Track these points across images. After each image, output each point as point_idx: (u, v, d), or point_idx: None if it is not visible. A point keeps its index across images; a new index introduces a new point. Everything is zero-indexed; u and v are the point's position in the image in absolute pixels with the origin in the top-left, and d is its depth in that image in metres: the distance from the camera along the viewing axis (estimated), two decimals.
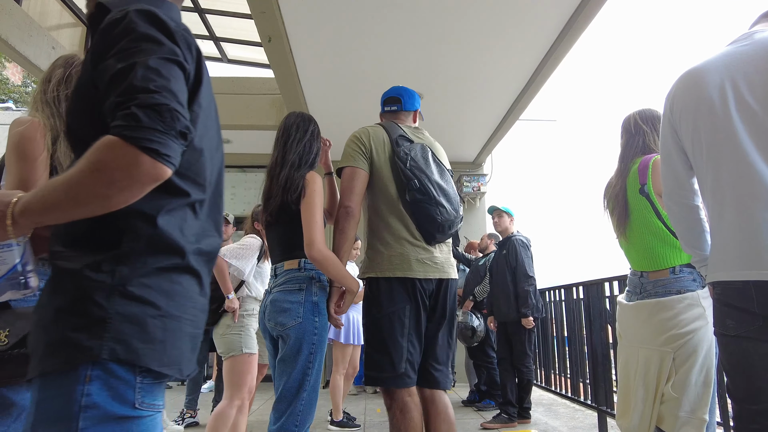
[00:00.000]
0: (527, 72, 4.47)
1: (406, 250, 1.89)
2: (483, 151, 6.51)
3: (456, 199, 1.96)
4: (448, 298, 1.95)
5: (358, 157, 1.95)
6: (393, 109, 2.14)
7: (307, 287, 1.87)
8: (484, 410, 4.54)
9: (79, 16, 5.73)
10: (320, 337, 1.86)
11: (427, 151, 1.97)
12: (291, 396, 1.80)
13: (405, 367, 1.83)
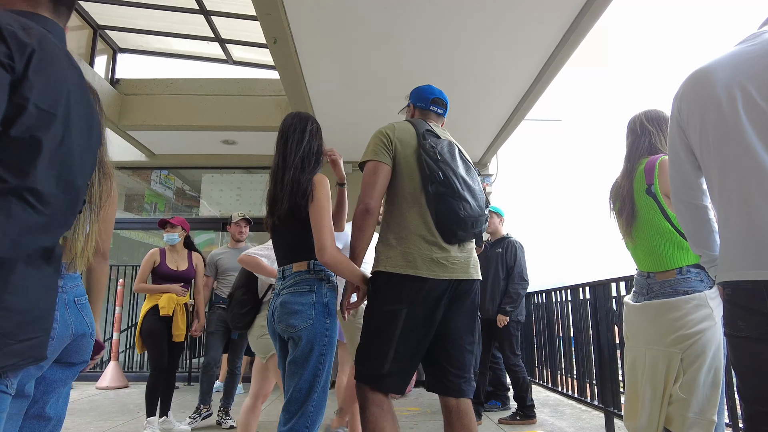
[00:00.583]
0: (532, 72, 4.47)
1: (419, 247, 1.80)
2: (488, 151, 6.51)
3: (482, 197, 1.89)
4: (467, 300, 1.84)
5: (381, 152, 1.90)
6: (439, 112, 2.13)
7: (317, 289, 1.87)
8: (489, 411, 4.53)
9: (86, 18, 5.78)
10: (331, 339, 1.86)
11: (454, 147, 1.92)
12: (302, 397, 1.80)
13: (390, 369, 1.73)
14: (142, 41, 6.50)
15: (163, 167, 7.78)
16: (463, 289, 1.84)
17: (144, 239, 9.91)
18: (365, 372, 1.77)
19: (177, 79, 6.38)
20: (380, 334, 1.77)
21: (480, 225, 1.87)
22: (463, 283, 1.84)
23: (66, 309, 1.36)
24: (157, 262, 3.86)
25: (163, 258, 3.88)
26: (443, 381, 1.81)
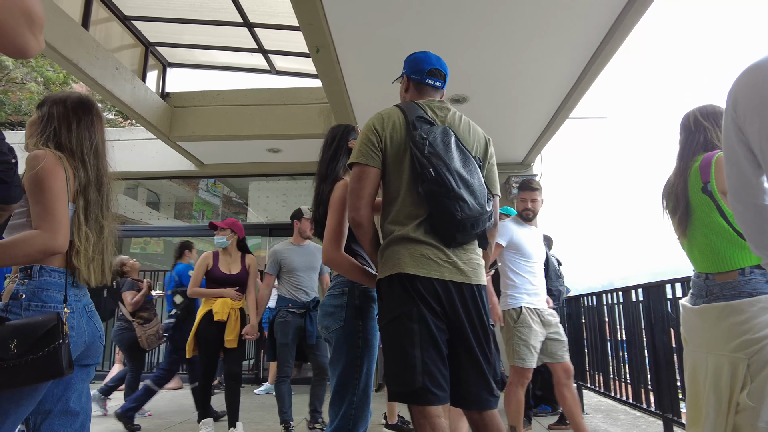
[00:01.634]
0: (576, 70, 4.37)
1: (413, 248, 1.63)
2: (532, 150, 6.40)
3: (482, 193, 1.65)
4: (470, 305, 1.63)
5: (368, 152, 1.71)
6: (437, 85, 1.87)
7: (349, 291, 1.91)
8: (539, 416, 4.45)
9: (138, 37, 6.07)
10: (366, 341, 1.87)
11: (449, 135, 1.67)
12: (340, 398, 1.83)
13: (423, 381, 1.53)
14: (190, 55, 6.77)
15: (212, 176, 8.06)
16: (464, 293, 1.63)
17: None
18: (398, 390, 1.59)
19: (223, 90, 6.61)
20: (397, 347, 1.59)
21: (482, 225, 1.64)
22: (464, 287, 1.64)
23: (80, 317, 1.48)
24: (210, 265, 3.74)
25: (216, 261, 3.76)
26: (461, 393, 1.63)
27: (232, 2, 5.13)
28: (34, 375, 1.27)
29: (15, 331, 1.27)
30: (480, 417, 1.65)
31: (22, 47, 0.78)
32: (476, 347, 1.62)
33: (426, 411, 1.54)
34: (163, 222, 8.96)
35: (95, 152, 1.60)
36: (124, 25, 5.80)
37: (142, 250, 9.62)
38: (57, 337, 1.31)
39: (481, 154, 1.80)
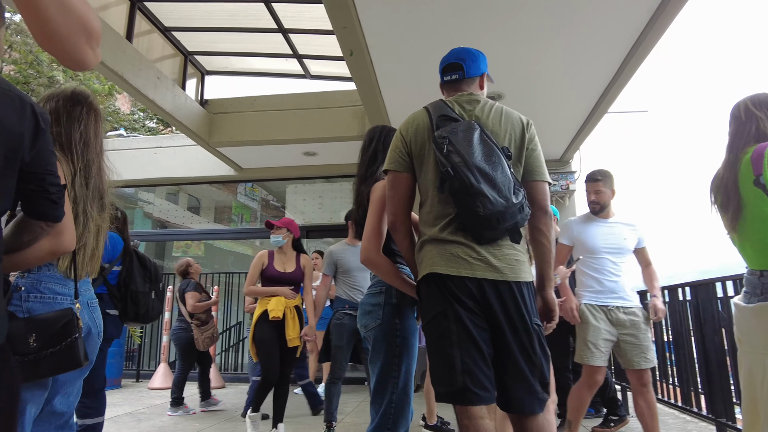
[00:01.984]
0: (614, 63, 4.26)
1: (439, 245, 1.63)
2: (570, 147, 6.26)
3: (507, 185, 1.56)
4: (508, 304, 1.57)
5: (397, 158, 1.74)
6: (453, 78, 1.83)
7: (387, 290, 1.91)
8: (589, 417, 4.35)
9: (178, 47, 6.27)
10: (404, 340, 1.86)
11: (472, 130, 1.62)
12: (379, 397, 1.84)
13: (464, 381, 1.51)
14: (227, 63, 6.94)
15: (250, 180, 8.25)
16: (501, 292, 1.58)
17: (232, 248, 10.54)
18: (442, 390, 1.58)
19: (259, 96, 6.75)
20: (437, 347, 1.59)
21: (509, 219, 1.57)
22: (500, 285, 1.58)
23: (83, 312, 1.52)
24: (265, 264, 3.67)
25: (271, 260, 3.69)
26: (503, 395, 1.59)
27: (267, 9, 5.24)
28: (54, 367, 1.35)
29: (33, 326, 1.34)
30: (520, 421, 1.59)
31: (81, 60, 0.82)
32: (516, 347, 1.55)
33: (469, 411, 1.52)
34: (204, 226, 9.21)
35: (84, 143, 1.57)
36: (165, 36, 6.00)
37: (184, 253, 9.93)
38: (73, 331, 1.39)
39: (517, 141, 1.70)
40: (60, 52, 0.81)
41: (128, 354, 7.51)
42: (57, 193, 1.15)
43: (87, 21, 0.81)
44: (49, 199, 1.14)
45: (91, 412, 2.43)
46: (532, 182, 1.71)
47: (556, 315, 1.77)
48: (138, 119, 16.51)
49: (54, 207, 1.16)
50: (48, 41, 0.79)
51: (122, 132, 12.55)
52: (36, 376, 1.34)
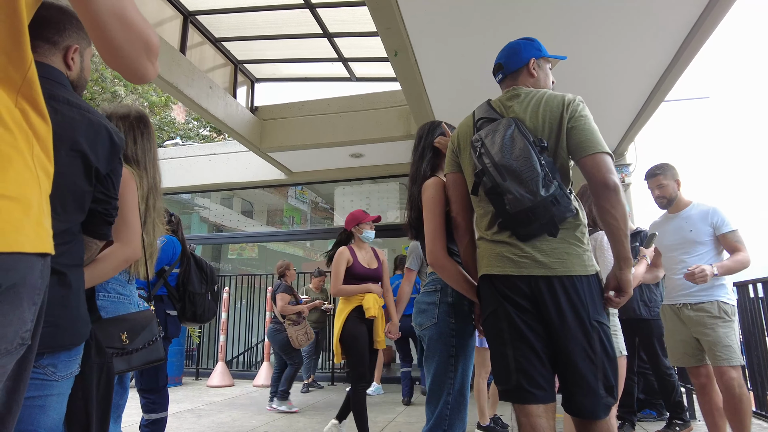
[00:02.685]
0: (671, 48, 4.05)
1: (487, 245, 1.65)
2: (624, 139, 6.01)
3: (535, 179, 1.50)
4: (560, 299, 1.49)
5: (450, 160, 1.84)
6: (499, 79, 1.86)
7: (442, 288, 1.90)
8: (643, 421, 4.16)
9: (228, 56, 6.49)
10: (460, 340, 1.84)
11: (507, 128, 1.59)
12: (435, 398, 1.82)
13: (518, 379, 1.50)
14: (275, 70, 7.13)
15: (300, 183, 8.42)
16: (549, 288, 1.51)
17: (285, 250, 10.80)
18: (500, 388, 1.59)
19: (307, 101, 6.88)
20: (492, 346, 1.61)
21: (544, 212, 1.51)
22: (552, 280, 1.51)
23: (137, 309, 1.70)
24: (351, 261, 3.38)
25: (354, 256, 3.41)
26: (566, 397, 1.53)
27: (312, 15, 5.34)
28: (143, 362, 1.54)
29: (123, 325, 1.52)
30: (582, 425, 1.52)
31: (143, 74, 0.88)
32: (571, 347, 1.47)
33: (525, 409, 1.50)
34: (257, 228, 9.48)
35: (153, 162, 1.76)
36: (216, 46, 6.23)
37: (239, 255, 10.27)
38: (155, 332, 1.60)
39: (555, 127, 1.60)
40: (123, 68, 0.87)
41: (188, 353, 7.84)
42: (114, 216, 1.28)
43: (147, 37, 0.86)
44: (107, 222, 1.26)
45: (156, 408, 2.55)
46: (583, 158, 1.56)
47: (627, 295, 1.60)
48: (192, 128, 17.22)
49: (108, 229, 1.29)
50: (113, 58, 0.85)
51: (178, 141, 13.14)
52: (129, 368, 1.52)
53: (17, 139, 0.67)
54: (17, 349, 0.67)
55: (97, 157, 1.16)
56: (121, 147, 1.25)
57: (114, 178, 1.25)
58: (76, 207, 1.14)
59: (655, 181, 3.01)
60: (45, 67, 1.16)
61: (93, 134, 1.15)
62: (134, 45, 0.83)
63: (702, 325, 2.75)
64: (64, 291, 1.11)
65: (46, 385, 1.12)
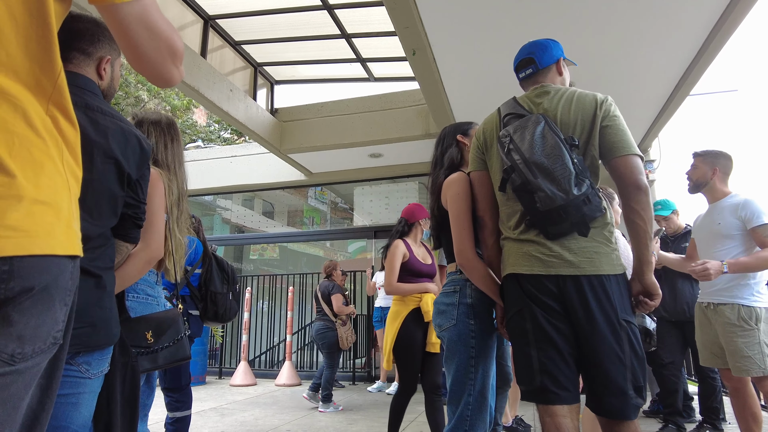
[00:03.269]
0: (696, 41, 3.95)
1: (514, 244, 1.64)
2: (648, 134, 5.90)
3: (567, 177, 1.49)
4: (589, 299, 1.47)
5: (475, 159, 1.82)
6: (528, 73, 1.81)
7: (461, 289, 1.88)
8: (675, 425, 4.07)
9: (248, 59, 6.57)
10: (480, 341, 1.82)
11: (537, 125, 1.57)
12: (456, 398, 1.81)
13: (542, 380, 1.49)
14: (294, 72, 7.18)
15: (319, 184, 8.48)
16: (578, 288, 1.49)
17: (305, 250, 10.88)
18: (523, 389, 1.59)
19: (326, 102, 6.92)
20: (515, 346, 1.60)
21: (575, 211, 1.49)
22: (581, 280, 1.49)
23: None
24: (407, 256, 3.08)
25: (410, 251, 3.12)
26: (593, 398, 1.51)
27: (330, 16, 5.37)
28: (168, 360, 1.58)
29: (149, 324, 1.55)
30: (609, 425, 1.50)
31: (169, 78, 0.90)
32: (600, 347, 1.45)
33: (549, 410, 1.50)
34: (278, 229, 9.58)
35: (181, 166, 1.81)
36: (235, 49, 6.31)
37: (260, 256, 10.38)
38: (181, 330, 1.63)
39: (587, 125, 1.60)
40: (150, 72, 0.89)
41: (211, 352, 7.95)
42: (143, 220, 1.33)
43: (172, 42, 0.88)
44: (137, 225, 1.32)
45: (180, 406, 2.60)
46: (615, 159, 1.57)
47: (657, 298, 1.59)
48: (214, 131, 17.47)
49: (138, 232, 1.35)
50: (140, 63, 0.87)
51: (200, 143, 13.35)
52: (155, 367, 1.56)
53: (48, 146, 0.69)
54: (50, 348, 0.70)
55: (129, 164, 1.21)
56: (150, 154, 1.31)
57: (143, 184, 1.31)
58: (110, 212, 1.20)
59: (693, 162, 2.87)
60: (80, 77, 1.22)
61: (125, 142, 1.21)
62: (160, 51, 0.85)
63: (722, 331, 2.63)
64: (100, 293, 1.17)
65: (80, 382, 1.17)
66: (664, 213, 3.99)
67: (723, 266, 2.51)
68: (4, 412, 0.63)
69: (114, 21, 0.80)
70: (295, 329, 7.69)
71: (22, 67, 0.68)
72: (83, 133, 1.11)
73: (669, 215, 3.98)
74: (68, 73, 1.19)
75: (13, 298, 0.63)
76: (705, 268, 2.49)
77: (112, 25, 0.81)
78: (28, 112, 0.67)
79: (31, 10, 0.69)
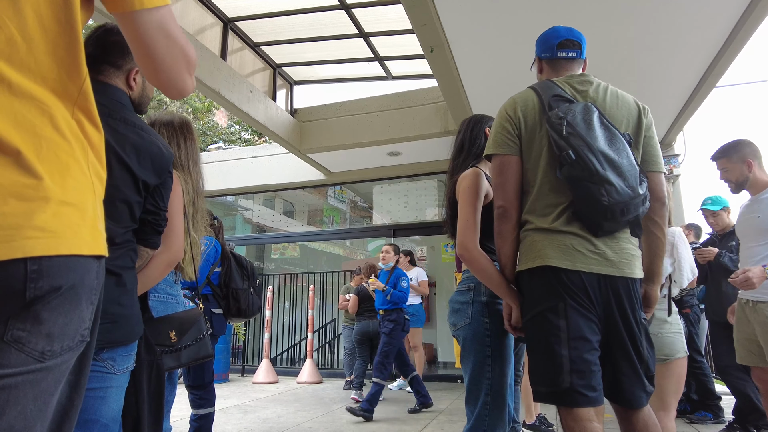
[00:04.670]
0: (724, 29, 3.84)
1: (549, 236, 1.52)
2: (672, 128, 5.76)
3: (633, 173, 1.46)
4: (624, 300, 1.49)
5: (505, 140, 1.61)
6: (571, 56, 1.70)
7: (476, 287, 1.84)
8: (698, 423, 3.99)
9: (267, 60, 6.63)
10: (496, 340, 1.79)
11: (591, 112, 1.50)
12: (474, 397, 1.79)
13: (571, 381, 1.42)
14: (312, 72, 7.22)
15: (338, 183, 8.52)
16: (615, 288, 1.48)
17: (325, 249, 10.95)
18: (545, 390, 1.51)
19: (344, 102, 6.94)
20: (541, 344, 1.51)
21: (634, 210, 1.46)
22: (618, 281, 1.49)
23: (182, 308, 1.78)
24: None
25: None
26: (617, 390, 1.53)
27: (347, 16, 5.38)
28: (192, 358, 1.62)
29: (172, 323, 1.59)
30: (627, 414, 1.56)
31: (182, 88, 0.90)
32: (629, 344, 1.51)
33: (575, 414, 1.44)
34: (298, 228, 9.65)
35: (196, 165, 1.83)
36: (255, 51, 6.37)
37: (281, 255, 10.47)
38: (203, 329, 1.67)
39: (633, 128, 1.59)
40: (165, 81, 0.88)
41: (234, 350, 8.06)
42: (163, 227, 1.38)
43: (188, 51, 0.88)
44: (157, 231, 1.36)
45: (204, 403, 2.65)
46: (651, 173, 1.62)
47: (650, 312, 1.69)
48: (234, 132, 17.68)
49: (158, 238, 1.39)
50: (156, 72, 0.86)
51: (221, 145, 13.52)
52: (179, 365, 1.61)
53: (74, 148, 0.72)
54: (78, 346, 0.72)
55: (145, 172, 1.25)
56: (170, 162, 1.35)
57: (164, 191, 1.35)
58: (128, 216, 1.25)
59: (719, 165, 2.75)
60: (109, 87, 1.29)
61: (144, 150, 1.26)
62: (177, 59, 0.85)
63: (761, 330, 2.53)
64: (119, 290, 1.21)
65: (106, 377, 1.21)
66: (713, 208, 3.86)
67: (765, 271, 2.38)
68: (35, 408, 0.65)
69: (134, 29, 0.80)
70: (316, 327, 7.74)
71: (49, 73, 0.70)
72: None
73: (718, 211, 3.86)
74: (99, 83, 1.26)
75: (41, 296, 0.65)
76: (747, 278, 2.36)
77: (131, 33, 0.81)
78: (55, 117, 0.69)
79: (59, 18, 0.71)
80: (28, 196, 0.64)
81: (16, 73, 0.66)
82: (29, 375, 0.65)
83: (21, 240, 0.62)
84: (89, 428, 1.18)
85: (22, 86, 0.66)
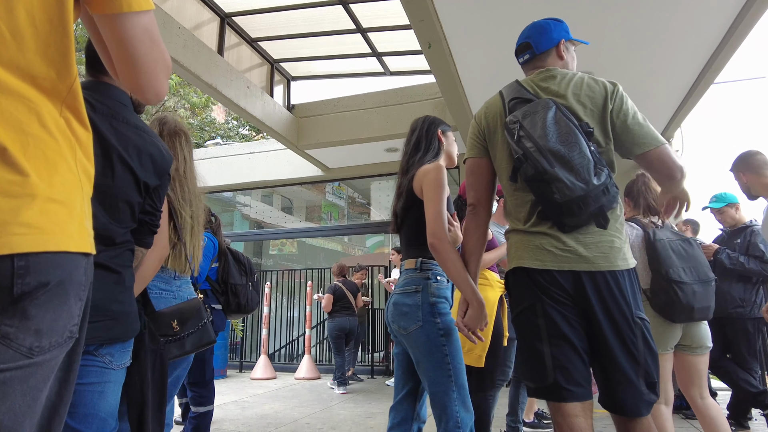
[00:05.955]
0: (723, 25, 3.84)
1: (523, 237, 1.55)
2: (670, 125, 5.76)
3: (586, 166, 1.43)
4: (604, 295, 1.44)
5: (474, 144, 1.69)
6: (525, 59, 1.74)
7: (423, 288, 1.84)
8: (694, 419, 4.00)
9: (264, 56, 6.60)
10: (448, 337, 1.82)
11: (547, 110, 1.49)
12: (442, 400, 1.79)
13: (555, 377, 1.43)
14: (310, 68, 7.21)
15: (336, 179, 8.51)
16: (592, 283, 1.45)
17: (323, 245, 10.95)
18: (533, 386, 1.53)
19: (342, 97, 6.93)
20: (526, 342, 1.53)
21: (594, 203, 1.44)
22: (595, 276, 1.45)
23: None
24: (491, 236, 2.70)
25: None
26: (607, 395, 1.48)
27: (345, 11, 5.36)
28: (195, 345, 1.68)
29: (173, 314, 1.65)
30: (623, 423, 1.48)
31: (160, 90, 0.88)
32: (615, 343, 1.42)
33: (562, 408, 1.44)
34: (297, 225, 9.65)
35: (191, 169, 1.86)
36: (252, 46, 6.35)
37: (279, 251, 10.48)
38: (204, 316, 1.74)
39: (598, 115, 1.54)
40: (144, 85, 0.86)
41: (232, 346, 8.07)
42: (158, 227, 1.42)
43: (166, 55, 0.88)
44: (152, 232, 1.41)
45: (204, 401, 2.65)
46: (644, 154, 1.52)
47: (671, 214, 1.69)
48: (232, 128, 17.64)
49: (152, 237, 1.43)
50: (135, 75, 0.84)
51: (219, 140, 13.50)
52: (183, 352, 1.67)
53: (61, 146, 0.71)
54: (67, 342, 0.71)
55: (145, 173, 1.28)
56: (170, 164, 1.38)
57: (162, 192, 1.39)
58: (129, 216, 1.28)
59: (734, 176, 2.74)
60: (111, 88, 1.31)
61: (146, 151, 1.28)
62: (157, 62, 0.85)
63: None
64: (119, 288, 1.24)
65: (104, 372, 1.24)
66: (716, 205, 3.85)
67: None
68: (24, 404, 0.65)
69: (118, 31, 0.79)
70: (314, 323, 7.75)
71: (39, 72, 0.70)
72: (107, 141, 1.20)
73: (722, 208, 3.84)
74: (101, 84, 1.29)
75: (29, 292, 0.65)
76: None
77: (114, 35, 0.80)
78: (42, 114, 0.70)
79: (51, 19, 0.71)
80: (14, 193, 0.64)
81: (3, 71, 0.66)
82: (18, 371, 0.65)
83: (7, 236, 0.62)
84: (88, 422, 1.20)
85: (9, 84, 0.67)
